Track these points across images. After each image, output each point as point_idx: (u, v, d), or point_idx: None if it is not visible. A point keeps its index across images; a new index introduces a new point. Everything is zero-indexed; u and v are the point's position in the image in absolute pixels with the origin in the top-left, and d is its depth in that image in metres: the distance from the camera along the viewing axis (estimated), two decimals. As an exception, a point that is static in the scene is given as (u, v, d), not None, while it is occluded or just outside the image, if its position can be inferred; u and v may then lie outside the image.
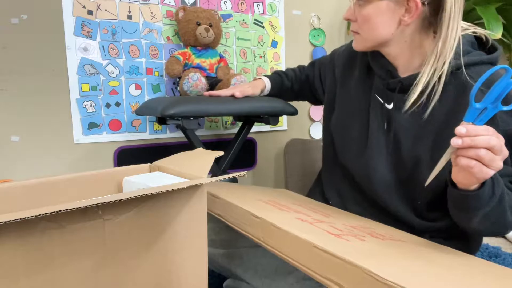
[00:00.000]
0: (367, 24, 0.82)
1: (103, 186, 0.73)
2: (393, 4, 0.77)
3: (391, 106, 0.85)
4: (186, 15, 1.45)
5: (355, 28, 0.85)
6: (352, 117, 0.94)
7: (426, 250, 0.64)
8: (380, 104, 0.88)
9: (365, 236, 0.64)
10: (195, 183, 0.58)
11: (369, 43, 0.85)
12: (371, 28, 0.82)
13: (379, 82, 0.89)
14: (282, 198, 0.93)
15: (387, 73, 0.87)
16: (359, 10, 0.81)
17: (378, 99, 0.88)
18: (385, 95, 0.87)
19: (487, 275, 0.56)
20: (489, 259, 1.19)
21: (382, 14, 0.79)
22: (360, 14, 0.81)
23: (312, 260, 0.54)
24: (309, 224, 0.66)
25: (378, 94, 0.89)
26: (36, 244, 0.45)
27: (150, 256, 0.57)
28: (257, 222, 0.66)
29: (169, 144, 1.59)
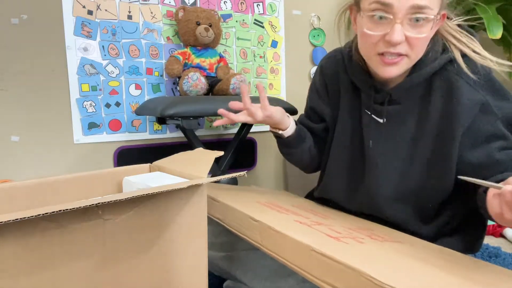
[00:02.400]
0: (424, 43, 0.73)
1: (103, 186, 0.73)
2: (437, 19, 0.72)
3: (383, 120, 0.82)
4: (186, 15, 1.45)
5: (403, 50, 0.71)
6: (347, 136, 0.89)
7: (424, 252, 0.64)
8: (372, 120, 0.83)
9: (363, 238, 0.64)
10: (195, 183, 0.58)
11: (411, 64, 0.76)
12: (423, 47, 0.74)
13: (365, 97, 0.85)
14: (281, 200, 0.93)
15: (371, 88, 0.82)
16: (416, 29, 0.69)
17: (370, 114, 0.84)
18: (376, 110, 0.83)
19: (486, 275, 0.56)
20: (489, 259, 1.19)
21: (433, 29, 0.72)
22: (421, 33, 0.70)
23: (310, 263, 0.54)
24: (308, 227, 0.66)
25: (368, 109, 0.84)
26: (36, 244, 0.45)
27: (150, 256, 0.57)
28: (255, 225, 0.66)
29: (169, 144, 1.59)
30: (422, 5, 0.67)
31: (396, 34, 0.68)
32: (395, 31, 0.68)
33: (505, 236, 1.39)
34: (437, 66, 0.75)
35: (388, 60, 0.72)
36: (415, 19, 0.68)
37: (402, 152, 0.80)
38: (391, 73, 0.74)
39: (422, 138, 0.78)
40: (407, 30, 0.69)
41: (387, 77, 0.75)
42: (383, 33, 0.70)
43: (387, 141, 0.81)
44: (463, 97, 0.72)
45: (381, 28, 0.71)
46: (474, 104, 0.72)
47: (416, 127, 0.78)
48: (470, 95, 0.72)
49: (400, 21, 0.68)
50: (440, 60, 0.75)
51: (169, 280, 0.60)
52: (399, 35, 0.68)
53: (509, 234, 1.37)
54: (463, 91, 0.72)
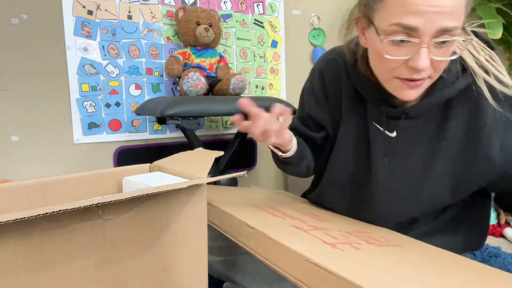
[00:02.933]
0: (446, 64, 0.66)
1: (103, 186, 0.73)
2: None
3: (394, 134, 0.76)
4: (185, 15, 1.45)
5: (426, 75, 0.64)
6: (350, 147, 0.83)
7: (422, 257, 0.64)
8: (380, 133, 0.77)
9: (360, 243, 0.64)
10: (195, 183, 0.58)
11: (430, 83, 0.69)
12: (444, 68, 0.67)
13: (373, 109, 0.78)
14: (279, 202, 0.93)
15: (382, 101, 0.75)
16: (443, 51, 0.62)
17: (378, 127, 0.78)
18: (385, 123, 0.76)
19: (484, 279, 0.56)
20: (489, 259, 1.19)
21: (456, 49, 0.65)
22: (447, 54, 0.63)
23: (305, 273, 0.53)
24: (304, 232, 0.66)
25: (377, 122, 0.78)
26: (36, 244, 0.45)
27: (150, 256, 0.57)
28: (251, 232, 0.65)
29: (169, 144, 1.59)
30: (451, 27, 0.59)
31: (422, 60, 0.60)
32: (421, 57, 0.60)
33: (505, 236, 1.39)
34: (461, 86, 0.70)
35: (410, 84, 0.65)
36: (442, 41, 0.60)
37: (414, 169, 0.75)
38: (412, 96, 0.67)
39: (438, 157, 0.74)
40: (433, 53, 0.61)
41: (408, 99, 0.68)
42: (406, 58, 0.62)
43: (397, 157, 0.76)
44: (488, 118, 0.69)
45: (402, 52, 0.62)
46: (499, 124, 0.69)
47: (431, 145, 0.74)
48: (494, 114, 0.69)
49: (427, 45, 0.59)
50: (462, 79, 0.70)
51: (169, 280, 0.60)
52: (425, 62, 0.60)
53: (509, 234, 1.37)
54: (488, 112, 0.69)
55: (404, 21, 0.58)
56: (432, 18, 0.57)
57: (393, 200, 0.78)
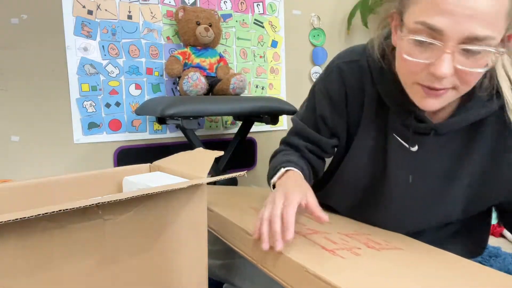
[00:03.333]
0: (477, 78, 0.58)
1: (103, 186, 0.73)
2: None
3: (415, 148, 0.71)
4: (186, 15, 1.45)
5: (449, 84, 0.57)
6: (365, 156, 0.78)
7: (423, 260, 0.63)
8: (400, 145, 0.72)
9: (360, 248, 0.63)
10: (195, 183, 0.58)
11: (457, 97, 0.62)
12: (475, 82, 0.59)
13: (396, 119, 0.72)
14: None
15: (409, 113, 0.69)
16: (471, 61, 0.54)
17: (398, 140, 0.73)
18: (407, 136, 0.71)
19: (484, 281, 0.56)
20: (489, 259, 1.19)
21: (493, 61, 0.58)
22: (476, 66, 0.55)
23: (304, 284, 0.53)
24: (303, 237, 0.65)
25: (398, 134, 0.72)
26: (36, 244, 0.45)
27: (150, 256, 0.57)
28: (249, 240, 0.65)
29: (169, 144, 1.59)
30: (482, 36, 0.52)
31: (444, 67, 0.54)
32: (443, 63, 0.54)
33: (505, 236, 1.38)
34: (494, 107, 0.64)
35: (431, 92, 0.59)
36: (468, 49, 0.53)
37: (432, 187, 0.72)
38: (432, 106, 0.61)
39: (458, 177, 0.71)
40: (458, 61, 0.54)
41: (427, 109, 0.62)
42: (428, 62, 0.56)
43: (416, 173, 0.72)
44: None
45: (425, 56, 0.56)
46: None
47: (452, 164, 0.70)
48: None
49: (451, 51, 0.53)
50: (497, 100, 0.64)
51: (169, 280, 0.60)
52: (447, 68, 0.54)
53: (509, 234, 1.37)
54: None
55: (430, 20, 0.53)
56: (460, 22, 0.51)
57: (404, 215, 0.77)
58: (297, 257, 0.55)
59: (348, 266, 0.55)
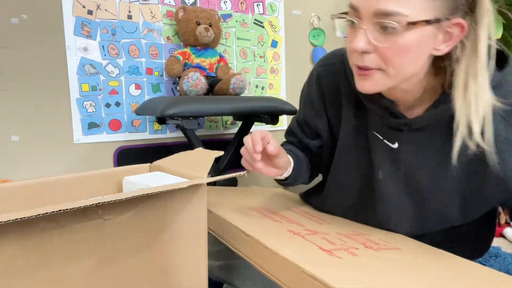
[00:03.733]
0: (403, 57, 0.59)
1: (103, 186, 0.73)
2: (435, 29, 0.58)
3: (396, 145, 0.72)
4: (185, 15, 1.45)
5: (373, 64, 0.60)
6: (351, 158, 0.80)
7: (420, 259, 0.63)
8: (381, 143, 0.74)
9: (358, 248, 0.63)
10: (195, 183, 0.58)
11: (392, 81, 0.63)
12: (407, 63, 0.60)
13: (375, 118, 0.74)
14: (277, 204, 0.92)
15: (385, 110, 0.71)
16: (387, 38, 0.57)
17: (379, 137, 0.74)
18: (387, 134, 0.73)
19: (484, 282, 0.55)
20: (489, 259, 1.19)
21: (424, 42, 0.58)
22: (394, 45, 0.57)
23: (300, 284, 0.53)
24: (301, 238, 0.66)
25: (378, 132, 0.74)
26: (36, 244, 0.45)
27: (150, 256, 0.57)
28: (247, 240, 0.65)
29: (169, 144, 1.59)
30: (391, 11, 0.55)
31: (356, 40, 0.58)
32: (356, 37, 0.59)
33: (505, 236, 1.38)
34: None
35: (359, 71, 0.63)
36: (382, 26, 0.57)
37: (418, 183, 0.72)
38: (365, 87, 0.64)
39: (446, 173, 0.70)
40: (376, 38, 0.58)
41: (362, 91, 0.66)
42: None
43: (399, 169, 0.73)
44: (497, 131, 0.63)
45: (351, 35, 0.61)
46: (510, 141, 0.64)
47: (438, 159, 0.69)
48: (504, 131, 0.64)
49: (365, 27, 0.58)
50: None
51: (169, 280, 0.60)
52: (359, 42, 0.58)
53: (509, 234, 1.37)
54: (499, 126, 0.63)
55: (353, 1, 0.60)
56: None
57: (399, 214, 0.76)
58: (293, 257, 0.55)
59: (344, 266, 0.55)
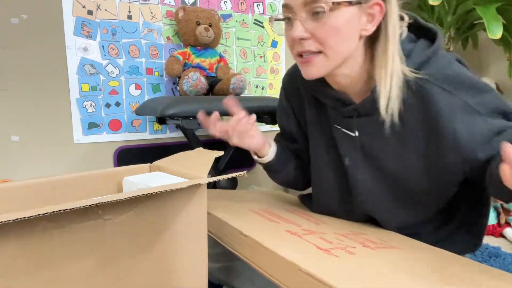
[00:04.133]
0: (336, 37, 0.66)
1: (103, 186, 0.73)
2: (358, 10, 0.65)
3: (356, 133, 0.76)
4: (185, 15, 1.45)
5: (313, 47, 0.67)
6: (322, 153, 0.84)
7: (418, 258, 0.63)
8: (344, 134, 0.78)
9: (355, 247, 0.64)
10: (195, 183, 0.58)
11: (333, 63, 0.69)
12: (340, 42, 0.67)
13: (332, 112, 0.79)
14: (275, 205, 0.93)
15: (337, 101, 0.76)
16: (318, 22, 0.65)
17: (340, 129, 0.79)
18: (346, 124, 0.77)
19: (484, 281, 0.55)
20: (489, 259, 1.19)
21: (351, 22, 0.66)
22: (325, 26, 0.65)
23: (297, 283, 0.53)
24: (298, 238, 0.66)
25: (338, 124, 0.79)
26: (36, 243, 0.45)
27: (150, 256, 0.57)
28: (245, 240, 0.65)
29: (169, 144, 1.59)
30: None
31: (294, 30, 0.66)
32: (294, 27, 0.67)
33: (505, 236, 1.38)
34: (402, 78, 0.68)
35: (302, 60, 0.70)
36: (313, 12, 0.65)
37: (385, 166, 0.75)
38: (310, 73, 0.71)
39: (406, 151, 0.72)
40: (309, 24, 0.66)
41: (308, 78, 0.72)
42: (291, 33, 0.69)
43: (365, 156, 0.76)
44: (440, 104, 0.67)
45: (289, 29, 0.69)
46: (455, 109, 0.67)
47: (395, 140, 0.72)
48: (447, 101, 0.67)
49: (299, 18, 0.66)
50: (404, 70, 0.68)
51: (169, 280, 0.60)
52: (297, 31, 0.66)
53: (509, 234, 1.37)
54: (439, 98, 0.67)
55: (284, 1, 0.69)
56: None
57: (376, 201, 0.77)
58: (290, 256, 0.56)
59: (341, 265, 0.55)
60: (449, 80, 0.67)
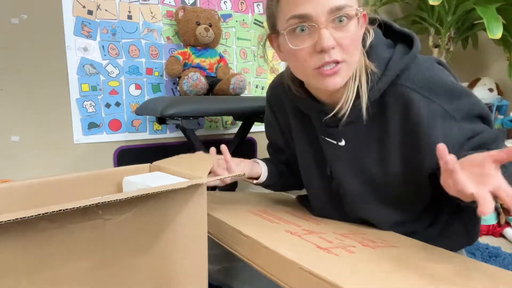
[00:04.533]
0: (356, 45, 0.67)
1: (103, 186, 0.73)
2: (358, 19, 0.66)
3: (343, 143, 0.77)
4: (185, 15, 1.45)
5: (338, 57, 0.65)
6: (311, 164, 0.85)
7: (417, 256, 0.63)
8: (330, 144, 0.79)
9: (355, 246, 0.64)
10: (195, 183, 0.58)
11: (351, 71, 0.69)
12: (357, 49, 0.68)
13: (316, 122, 0.80)
14: (274, 206, 0.93)
15: (321, 112, 0.76)
16: (342, 30, 0.64)
17: (326, 139, 0.79)
18: (331, 133, 0.78)
19: (484, 280, 0.56)
20: (489, 259, 1.19)
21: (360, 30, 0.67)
22: (348, 34, 0.64)
23: (299, 281, 0.53)
24: (298, 238, 0.66)
25: (324, 134, 0.79)
26: (36, 244, 0.45)
27: (150, 256, 0.57)
28: (245, 241, 0.65)
29: (169, 144, 1.59)
30: (340, 5, 0.63)
31: (325, 39, 0.62)
32: (323, 36, 0.63)
33: (505, 236, 1.39)
34: (383, 86, 0.69)
35: (327, 71, 0.66)
36: (338, 20, 0.63)
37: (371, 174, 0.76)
38: (335, 83, 0.67)
39: (389, 158, 0.73)
40: (334, 33, 0.64)
41: (332, 89, 0.68)
42: (312, 44, 0.65)
43: (351, 163, 0.77)
44: (420, 111, 0.67)
45: (307, 40, 0.65)
46: (434, 116, 0.68)
47: (380, 147, 0.74)
48: (426, 107, 0.67)
49: (324, 26, 0.63)
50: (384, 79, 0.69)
51: (169, 280, 0.60)
52: (329, 40, 0.63)
53: (509, 234, 1.37)
54: (419, 105, 0.68)
55: (296, 12, 0.64)
56: (319, 2, 0.62)
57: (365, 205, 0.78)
58: (291, 256, 0.56)
59: (342, 263, 0.55)
60: (428, 86, 0.68)
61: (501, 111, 1.81)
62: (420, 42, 0.71)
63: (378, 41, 0.72)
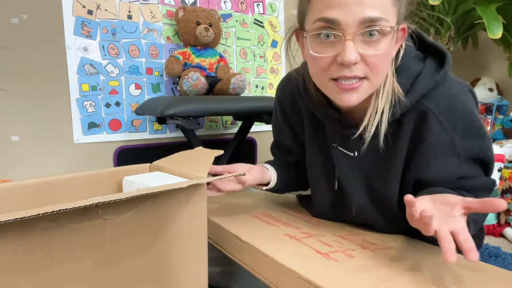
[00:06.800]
0: (385, 63, 0.61)
1: (103, 186, 0.73)
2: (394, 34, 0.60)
3: (355, 153, 0.75)
4: (186, 15, 1.45)
5: (360, 73, 0.60)
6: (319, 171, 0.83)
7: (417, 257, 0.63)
8: (342, 154, 0.77)
9: (354, 250, 0.64)
10: (195, 182, 0.58)
11: (373, 89, 0.64)
12: (385, 68, 0.62)
13: (330, 130, 0.77)
14: (274, 207, 0.93)
15: (337, 123, 0.74)
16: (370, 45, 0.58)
17: (340, 149, 0.77)
18: (344, 143, 0.76)
19: (484, 280, 0.56)
20: (489, 259, 1.19)
21: (392, 47, 0.61)
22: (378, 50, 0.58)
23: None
24: (297, 242, 0.66)
25: (336, 143, 0.77)
26: (36, 243, 0.45)
27: (150, 256, 0.57)
28: (244, 247, 0.65)
29: (169, 144, 1.59)
30: (375, 17, 0.56)
31: (348, 52, 0.57)
32: (347, 49, 0.57)
33: (505, 236, 1.38)
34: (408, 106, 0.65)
35: (345, 86, 0.61)
36: (368, 33, 0.57)
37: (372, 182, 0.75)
38: (351, 101, 0.62)
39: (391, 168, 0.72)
40: (361, 47, 0.58)
41: (347, 106, 0.64)
42: (334, 54, 0.59)
43: (360, 174, 0.76)
44: (431, 136, 0.65)
45: (330, 49, 0.59)
46: (442, 146, 0.66)
47: (388, 162, 0.72)
48: (439, 136, 0.65)
49: (351, 38, 0.57)
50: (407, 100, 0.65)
51: (169, 280, 0.60)
52: (352, 54, 0.57)
53: (509, 234, 1.37)
54: (433, 130, 0.65)
55: (326, 15, 0.58)
56: (352, 10, 0.56)
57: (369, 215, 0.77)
58: (289, 263, 0.56)
59: (341, 270, 0.55)
60: (449, 114, 0.64)
61: (501, 111, 1.81)
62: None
63: (408, 53, 0.67)
